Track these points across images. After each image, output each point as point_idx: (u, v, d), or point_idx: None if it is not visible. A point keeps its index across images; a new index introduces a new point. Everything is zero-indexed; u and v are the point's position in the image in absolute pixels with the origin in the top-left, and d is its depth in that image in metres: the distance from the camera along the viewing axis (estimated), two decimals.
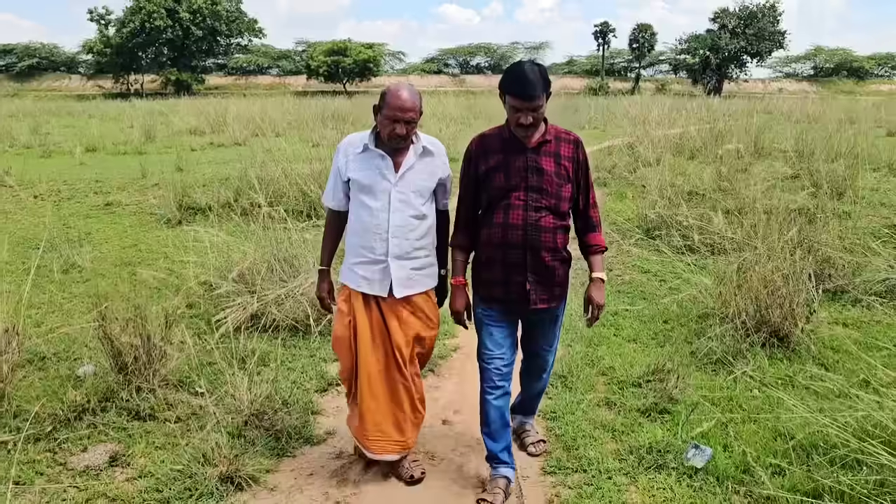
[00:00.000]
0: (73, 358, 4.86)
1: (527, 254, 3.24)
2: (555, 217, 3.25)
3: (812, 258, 6.23)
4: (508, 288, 3.31)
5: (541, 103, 3.11)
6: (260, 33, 68.02)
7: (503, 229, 3.24)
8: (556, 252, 3.29)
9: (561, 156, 3.26)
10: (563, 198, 3.26)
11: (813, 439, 3.76)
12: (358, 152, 3.36)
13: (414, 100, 3.25)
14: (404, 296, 3.40)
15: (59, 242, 7.68)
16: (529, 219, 3.21)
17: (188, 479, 3.50)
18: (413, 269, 3.41)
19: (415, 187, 3.35)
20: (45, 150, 16.42)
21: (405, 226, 3.34)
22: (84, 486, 3.49)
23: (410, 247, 3.37)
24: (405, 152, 3.37)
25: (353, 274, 3.42)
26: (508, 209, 3.23)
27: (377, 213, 3.32)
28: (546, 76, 3.13)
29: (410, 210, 3.34)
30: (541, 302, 3.34)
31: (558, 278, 3.36)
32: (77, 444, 3.84)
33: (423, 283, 3.47)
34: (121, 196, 10.82)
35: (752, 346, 5.08)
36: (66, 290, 6.46)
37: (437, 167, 3.45)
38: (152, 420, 4.10)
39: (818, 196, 8.57)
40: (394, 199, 3.31)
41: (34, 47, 72.56)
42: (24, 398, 4.23)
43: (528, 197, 3.21)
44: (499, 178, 3.24)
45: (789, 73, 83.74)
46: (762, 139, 12.32)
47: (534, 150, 3.24)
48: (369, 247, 3.35)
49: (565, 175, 3.26)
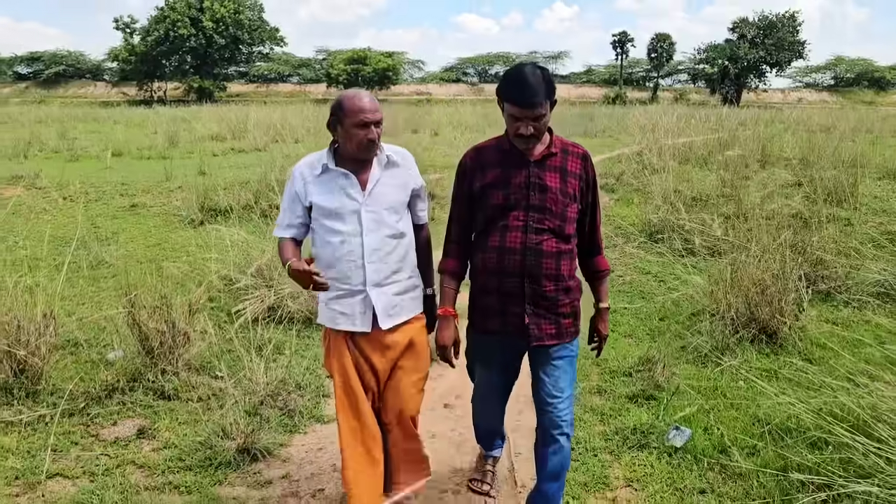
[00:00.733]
0: (102, 344, 5.23)
1: (525, 282, 2.87)
2: (558, 240, 2.88)
3: (803, 260, 6.50)
4: (505, 319, 2.94)
5: (543, 111, 2.74)
6: (281, 42, 68.92)
7: (499, 254, 2.88)
8: (560, 280, 2.91)
9: (568, 171, 2.89)
10: (567, 218, 2.89)
11: (788, 423, 4.04)
12: (317, 174, 2.94)
13: (375, 101, 2.89)
14: (391, 326, 2.99)
15: (89, 240, 8.08)
16: (529, 242, 2.84)
17: (209, 450, 3.84)
18: (396, 294, 3.01)
19: (387, 203, 2.96)
20: (72, 154, 16.94)
21: (381, 248, 2.94)
22: (114, 454, 3.84)
23: (390, 270, 2.98)
24: (368, 167, 2.96)
25: (330, 311, 3.00)
26: (506, 231, 2.86)
27: (349, 239, 2.91)
28: (550, 81, 2.76)
29: (385, 229, 2.95)
30: (546, 338, 2.94)
31: (564, 310, 2.95)
32: (108, 419, 4.21)
33: (409, 307, 3.07)
34: (146, 198, 11.25)
35: (741, 341, 5.35)
36: (95, 285, 6.85)
37: (409, 177, 3.05)
38: (176, 399, 4.45)
39: (816, 202, 8.79)
40: (365, 220, 2.91)
41: (61, 55, 73.90)
42: (59, 378, 4.60)
43: (529, 217, 2.84)
44: (496, 196, 2.88)
45: (809, 83, 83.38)
46: (769, 147, 12.52)
47: (537, 163, 2.86)
48: (344, 277, 2.93)
49: (572, 193, 2.89)
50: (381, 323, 2.97)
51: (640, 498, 3.51)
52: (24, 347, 4.32)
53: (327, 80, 66.74)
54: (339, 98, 2.91)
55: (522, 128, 2.76)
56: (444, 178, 12.20)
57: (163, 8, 62.21)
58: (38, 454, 3.78)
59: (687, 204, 9.27)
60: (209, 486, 3.54)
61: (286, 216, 3.03)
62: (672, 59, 74.53)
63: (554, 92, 2.79)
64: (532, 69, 2.74)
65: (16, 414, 4.14)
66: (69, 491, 3.48)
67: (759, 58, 67.02)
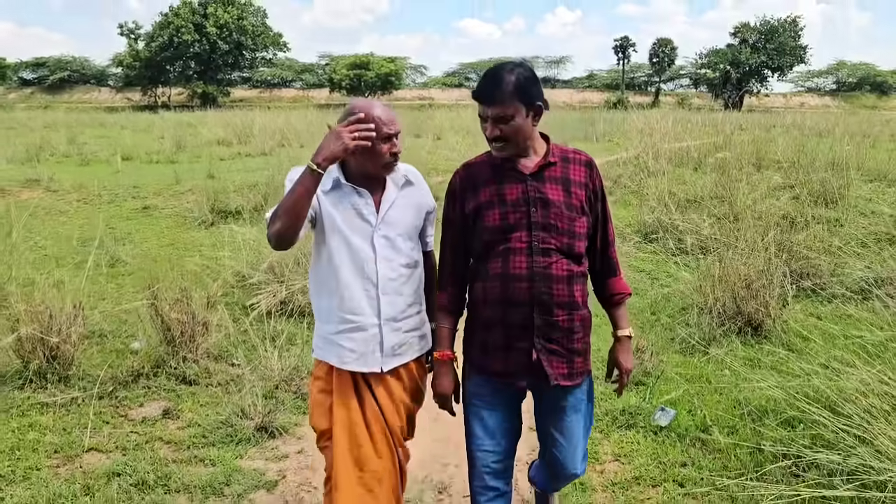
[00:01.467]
0: (125, 335, 5.56)
1: (534, 313, 2.49)
2: (569, 261, 2.52)
3: (788, 258, 6.82)
4: (509, 358, 2.55)
5: (509, 112, 2.43)
6: (284, 47, 69.37)
7: (503, 282, 2.51)
8: (574, 308, 2.54)
9: (571, 181, 2.56)
10: (577, 235, 2.53)
11: (765, 405, 4.36)
12: (326, 190, 2.58)
13: (391, 110, 2.61)
14: (391, 368, 2.67)
15: (106, 240, 8.42)
16: (536, 265, 2.48)
17: (229, 428, 4.17)
18: (407, 331, 2.69)
19: (402, 228, 2.64)
20: (83, 158, 17.31)
21: (397, 278, 2.62)
22: (143, 432, 4.17)
23: (404, 304, 2.66)
24: (382, 186, 2.64)
25: (337, 347, 2.62)
26: (508, 255, 2.50)
27: (362, 264, 2.57)
28: (525, 81, 2.44)
29: (400, 257, 2.63)
30: (559, 378, 2.56)
31: (578, 344, 2.58)
32: (135, 401, 4.54)
33: (414, 346, 2.74)
34: (157, 200, 11.60)
35: (727, 333, 5.66)
36: (114, 281, 7.18)
37: (423, 198, 2.75)
38: (196, 385, 4.78)
39: (804, 203, 9.12)
40: (379, 246, 2.58)
41: (66, 60, 74.39)
42: (87, 364, 4.94)
43: (533, 237, 2.49)
44: (492, 216, 2.53)
45: (811, 87, 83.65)
46: (763, 151, 12.84)
47: (535, 176, 2.53)
48: (356, 308, 2.59)
49: (578, 206, 2.54)
50: (384, 364, 2.64)
51: (626, 470, 3.83)
52: (56, 335, 4.64)
53: (330, 85, 67.15)
54: (351, 109, 2.55)
55: (487, 128, 2.49)
56: (444, 181, 12.52)
57: (167, 14, 62.75)
58: (73, 431, 4.11)
59: (681, 205, 9.59)
60: (231, 460, 3.86)
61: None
62: (674, 64, 74.89)
63: (529, 94, 2.44)
64: (506, 66, 2.47)
65: (50, 396, 4.48)
66: (104, 463, 3.81)
67: (761, 62, 67.38)
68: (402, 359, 2.69)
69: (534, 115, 2.50)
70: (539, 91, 2.49)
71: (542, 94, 2.51)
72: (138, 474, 3.65)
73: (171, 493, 3.53)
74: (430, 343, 2.79)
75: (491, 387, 2.63)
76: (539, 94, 2.48)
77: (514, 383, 2.60)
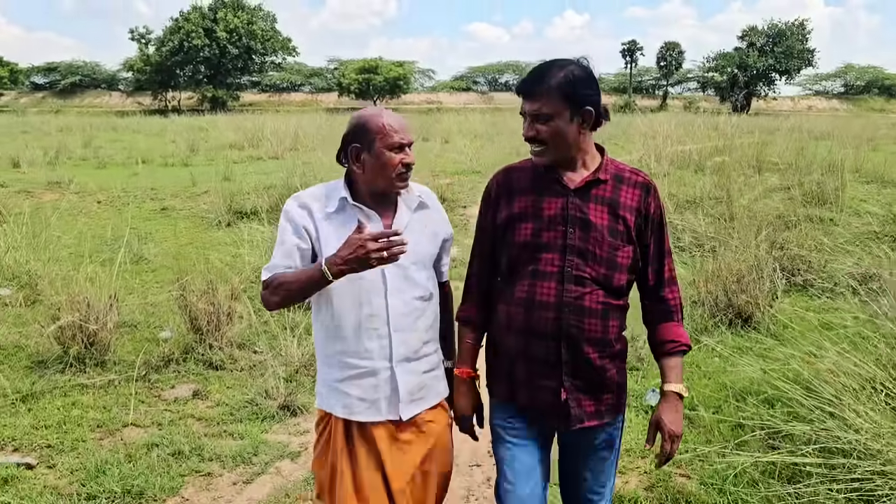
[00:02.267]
0: (154, 326, 5.95)
1: (562, 348, 2.21)
2: (606, 293, 2.22)
3: (780, 254, 7.18)
4: (535, 394, 2.28)
5: (546, 110, 2.14)
6: (293, 51, 69.95)
7: (527, 309, 2.23)
8: (607, 346, 2.24)
9: (620, 204, 2.23)
10: (618, 266, 2.22)
11: (749, 387, 4.71)
12: (331, 211, 2.31)
13: (402, 118, 2.35)
14: (413, 415, 2.36)
15: (130, 239, 8.82)
16: (567, 295, 2.19)
17: (255, 407, 4.55)
18: (425, 371, 2.40)
19: (416, 256, 2.32)
20: (99, 162, 17.77)
21: (410, 313, 2.33)
22: (176, 410, 4.55)
23: (420, 341, 2.37)
24: (393, 208, 2.37)
25: (342, 395, 2.32)
26: (536, 278, 2.22)
27: (370, 299, 2.28)
28: (575, 81, 2.15)
29: (415, 290, 2.34)
30: (586, 418, 2.28)
31: (610, 382, 2.29)
32: (167, 384, 4.92)
33: (436, 389, 2.45)
34: (174, 202, 12.02)
35: (719, 324, 6.01)
36: (138, 278, 7.58)
37: (438, 223, 2.47)
38: (223, 369, 5.16)
39: (798, 204, 9.46)
40: (390, 277, 2.29)
41: (77, 65, 75.18)
42: (122, 351, 5.32)
43: (566, 262, 2.19)
44: (524, 231, 2.25)
45: (819, 90, 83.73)
46: (763, 153, 13.17)
47: (578, 192, 2.22)
48: (362, 350, 2.29)
49: (624, 233, 2.22)
50: (403, 411, 2.32)
51: None
52: (94, 323, 5.03)
53: (339, 89, 67.69)
54: (358, 119, 2.33)
55: (525, 127, 2.22)
56: (453, 183, 12.91)
57: (177, 19, 63.48)
58: (112, 409, 4.50)
59: (680, 206, 9.94)
60: (258, 434, 4.24)
61: (286, 256, 2.31)
62: (681, 68, 75.21)
63: (575, 95, 2.14)
64: (558, 61, 2.20)
65: (89, 379, 4.87)
66: (143, 436, 4.19)
67: (769, 66, 67.57)
68: (426, 403, 2.39)
69: (582, 120, 2.17)
70: (592, 94, 2.17)
71: (599, 99, 2.20)
72: (174, 445, 4.03)
73: (205, 462, 3.91)
74: (448, 387, 2.52)
75: (519, 419, 2.34)
76: (591, 98, 2.17)
77: (542, 421, 2.33)
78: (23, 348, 5.36)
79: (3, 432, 4.15)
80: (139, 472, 3.72)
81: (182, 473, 3.77)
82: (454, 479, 3.89)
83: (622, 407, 2.40)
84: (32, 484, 3.62)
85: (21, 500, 3.46)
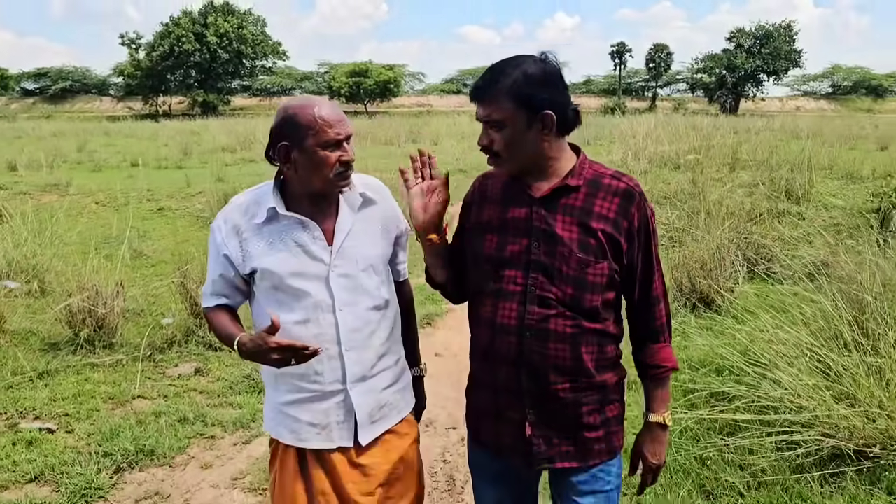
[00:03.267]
0: (156, 313, 6.37)
1: (521, 376, 1.97)
2: (575, 317, 1.94)
3: (744, 244, 7.66)
4: (499, 428, 2.06)
5: (496, 116, 1.89)
6: (284, 55, 70.40)
7: (490, 331, 2.01)
8: (582, 375, 1.97)
9: (593, 214, 1.94)
10: (588, 285, 1.93)
11: (703, 359, 5.17)
12: (259, 223, 2.06)
13: (338, 108, 2.05)
14: (373, 438, 2.16)
15: (130, 236, 9.24)
16: (529, 317, 1.94)
17: (252, 381, 4.99)
18: (385, 388, 2.18)
19: (365, 262, 2.11)
20: (95, 165, 18.16)
21: (363, 327, 2.10)
22: (180, 385, 4.99)
23: (375, 356, 2.14)
24: (333, 210, 2.11)
25: (291, 420, 2.12)
26: (499, 298, 1.98)
27: (314, 318, 2.05)
28: (531, 82, 1.86)
29: (366, 300, 2.11)
30: (559, 458, 2.02)
31: (590, 419, 2.01)
32: (170, 363, 5.36)
33: (398, 406, 2.24)
34: (170, 202, 12.45)
35: (684, 307, 6.47)
36: (138, 272, 8.00)
37: (388, 219, 2.22)
38: (222, 351, 5.58)
39: (764, 198, 9.97)
40: (336, 290, 2.06)
41: (67, 70, 75.32)
42: (128, 335, 5.75)
43: (529, 280, 1.94)
44: (488, 242, 2.02)
45: (807, 91, 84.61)
46: (739, 152, 13.70)
47: (545, 201, 1.96)
48: (311, 373, 2.06)
49: (597, 248, 1.93)
50: (361, 436, 2.12)
51: None
52: (103, 307, 5.46)
53: (329, 93, 68.02)
54: (286, 111, 2.01)
55: (481, 135, 1.96)
56: None
57: (167, 23, 63.82)
58: (121, 384, 4.92)
59: (658, 201, 10.42)
60: (255, 404, 4.67)
61: (214, 284, 2.14)
62: (670, 69, 75.96)
63: (530, 98, 1.86)
64: (515, 59, 1.92)
65: (99, 359, 5.30)
66: (150, 406, 4.62)
67: (756, 67, 68.39)
68: (388, 422, 2.18)
69: (542, 126, 1.89)
70: (552, 95, 1.89)
71: (562, 99, 1.92)
72: (180, 413, 4.47)
73: (209, 426, 4.34)
74: (415, 398, 2.34)
75: (487, 458, 2.15)
76: (549, 100, 1.88)
77: (506, 460, 2.09)
78: (35, 333, 5.78)
79: (24, 403, 4.57)
80: (149, 435, 4.15)
81: (188, 436, 4.21)
82: (432, 439, 4.38)
83: (615, 451, 2.08)
84: (54, 445, 4.05)
85: (45, 457, 3.89)
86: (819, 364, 4.21)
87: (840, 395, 3.91)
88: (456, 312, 6.71)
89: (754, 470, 3.68)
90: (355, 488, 2.09)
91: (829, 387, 3.94)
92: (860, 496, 3.43)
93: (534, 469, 2.07)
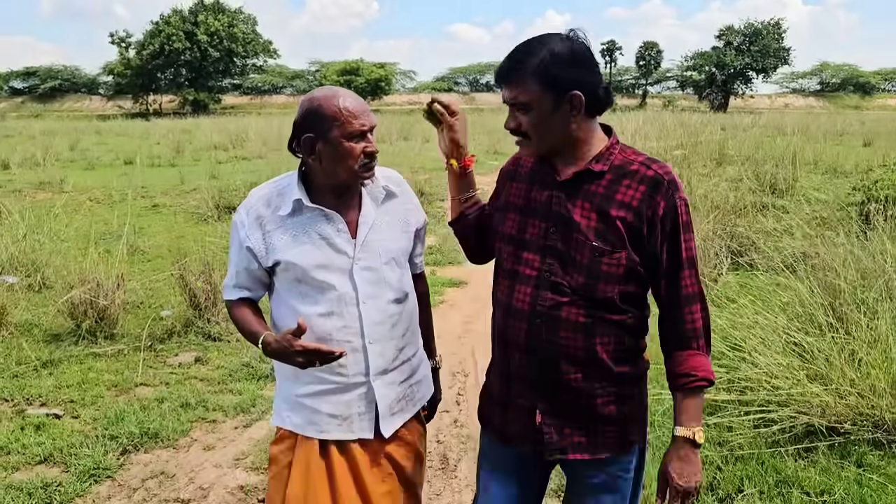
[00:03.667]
0: (155, 306, 6.52)
1: (532, 364, 1.94)
2: (589, 306, 1.87)
3: (729, 236, 7.87)
4: (508, 415, 2.03)
5: (523, 98, 1.83)
6: (275, 54, 70.38)
7: (504, 314, 1.98)
8: (594, 365, 1.90)
9: (615, 201, 1.85)
10: (602, 275, 1.85)
11: None
12: (284, 215, 2.06)
13: (361, 100, 2.05)
14: (394, 431, 2.18)
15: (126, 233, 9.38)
16: (540, 303, 1.90)
17: (250, 369, 5.15)
18: (404, 381, 2.21)
19: (387, 255, 2.14)
20: (87, 163, 18.25)
21: (385, 320, 2.12)
22: (180, 373, 5.14)
23: (396, 349, 2.16)
24: (356, 203, 2.12)
25: (310, 412, 2.12)
26: (515, 280, 1.96)
27: (338, 310, 2.06)
28: (558, 62, 1.79)
29: (388, 292, 2.13)
30: (570, 449, 1.96)
31: (606, 410, 1.93)
32: (171, 352, 5.51)
33: (415, 399, 2.27)
34: (164, 199, 12.57)
35: None
36: (136, 266, 8.14)
37: (409, 211, 2.25)
38: (220, 340, 5.74)
39: (749, 192, 10.19)
40: (360, 282, 2.08)
41: (56, 69, 75.16)
42: (129, 325, 5.90)
43: (545, 265, 1.90)
44: (510, 221, 2.01)
45: (796, 88, 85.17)
46: (725, 147, 13.92)
47: (566, 185, 1.90)
48: (335, 366, 2.05)
49: (616, 237, 1.84)
50: (384, 427, 2.14)
51: None
52: (104, 299, 5.61)
53: None
54: (310, 103, 2.01)
55: (508, 118, 1.91)
56: (431, 178, 13.53)
57: (158, 22, 63.73)
58: (124, 372, 5.07)
59: None
60: (254, 391, 4.83)
61: (237, 277, 2.16)
62: (660, 67, 76.45)
63: (557, 78, 1.79)
64: (542, 38, 1.85)
65: (101, 349, 5.45)
66: (153, 393, 4.78)
67: (745, 64, 68.88)
68: (407, 414, 2.21)
69: (570, 107, 1.83)
70: (579, 75, 1.82)
71: (593, 79, 1.85)
72: (182, 399, 4.62)
73: (210, 411, 4.50)
74: (431, 389, 2.38)
75: (496, 447, 2.10)
76: (578, 80, 1.81)
77: (513, 448, 2.04)
78: (38, 325, 5.92)
79: (30, 391, 4.72)
80: (153, 419, 4.31)
81: (191, 420, 4.37)
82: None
83: (631, 445, 1.99)
84: (61, 429, 4.20)
85: (54, 440, 4.04)
86: (795, 347, 4.41)
87: (814, 375, 4.11)
88: (449, 300, 6.89)
89: (732, 445, 3.86)
90: (373, 479, 2.11)
91: (803, 367, 4.14)
92: (831, 469, 3.62)
93: (545, 459, 2.00)
